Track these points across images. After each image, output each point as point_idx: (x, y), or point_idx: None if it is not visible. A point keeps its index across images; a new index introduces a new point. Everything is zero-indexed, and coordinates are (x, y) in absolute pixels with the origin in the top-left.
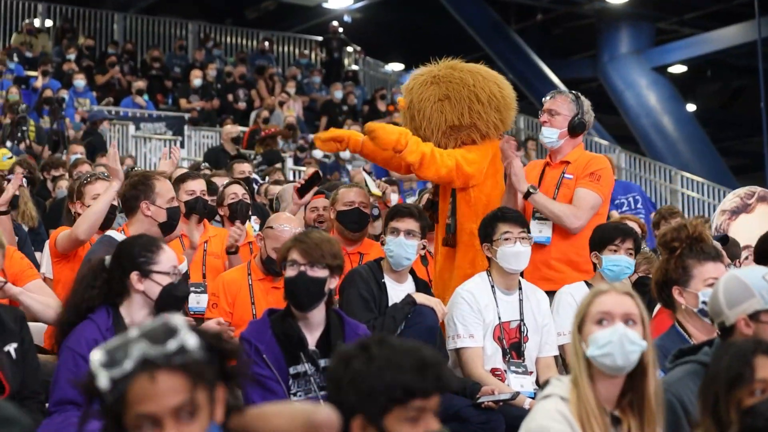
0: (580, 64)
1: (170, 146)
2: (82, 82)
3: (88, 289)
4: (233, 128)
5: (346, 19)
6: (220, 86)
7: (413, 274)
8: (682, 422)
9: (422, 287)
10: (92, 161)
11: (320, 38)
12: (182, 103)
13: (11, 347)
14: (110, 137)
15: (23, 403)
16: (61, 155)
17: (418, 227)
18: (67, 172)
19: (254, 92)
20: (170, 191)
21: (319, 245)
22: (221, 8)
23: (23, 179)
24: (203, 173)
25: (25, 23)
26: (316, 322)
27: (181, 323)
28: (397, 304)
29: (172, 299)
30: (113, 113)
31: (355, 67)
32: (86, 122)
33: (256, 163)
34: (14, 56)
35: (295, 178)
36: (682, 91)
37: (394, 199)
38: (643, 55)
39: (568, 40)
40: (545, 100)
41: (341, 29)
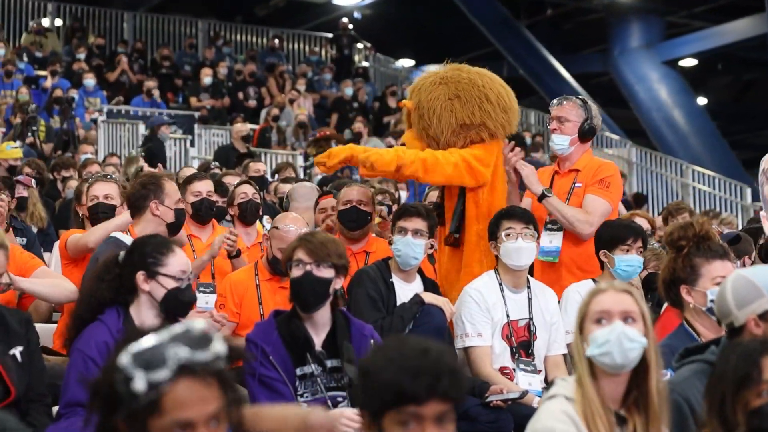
0: (590, 58)
1: None
2: (92, 81)
3: (98, 282)
4: (243, 126)
5: (356, 15)
6: (230, 84)
7: (421, 273)
8: (688, 422)
9: (430, 287)
10: (153, 167)
11: (330, 35)
12: (192, 101)
13: (17, 350)
14: (120, 136)
15: (29, 406)
16: (72, 155)
17: (425, 226)
18: (76, 172)
19: (264, 90)
20: (178, 193)
21: (324, 244)
22: (231, 6)
23: (32, 180)
24: (213, 172)
25: (34, 23)
26: (322, 322)
27: (210, 329)
28: (405, 303)
29: (176, 304)
30: (123, 112)
31: (365, 63)
32: (146, 128)
33: (308, 164)
34: (24, 56)
35: (306, 176)
36: (692, 84)
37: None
38: (653, 48)
39: (578, 34)
40: (552, 107)
41: (351, 26)
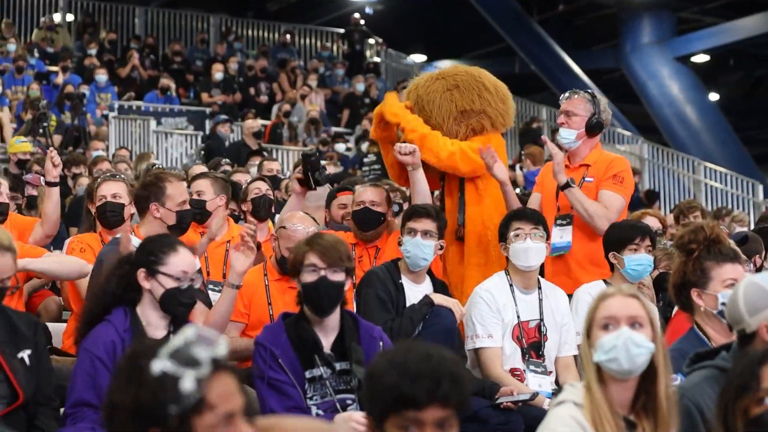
0: (602, 54)
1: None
2: (103, 77)
3: (109, 278)
4: (254, 123)
5: (367, 11)
6: (241, 80)
7: (431, 274)
8: (699, 428)
9: (440, 288)
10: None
11: (342, 30)
12: (204, 97)
13: (25, 354)
14: (131, 132)
15: (37, 409)
16: (83, 152)
17: (435, 227)
18: (87, 169)
19: (276, 85)
20: (182, 194)
21: (335, 247)
22: (242, 1)
23: (40, 177)
24: (225, 169)
25: (46, 19)
26: (331, 325)
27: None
28: (414, 305)
29: (175, 304)
30: (134, 108)
31: (376, 59)
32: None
33: (368, 161)
34: (35, 52)
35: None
36: (704, 80)
37: None
38: (665, 44)
39: (590, 30)
40: (561, 101)
41: (363, 21)
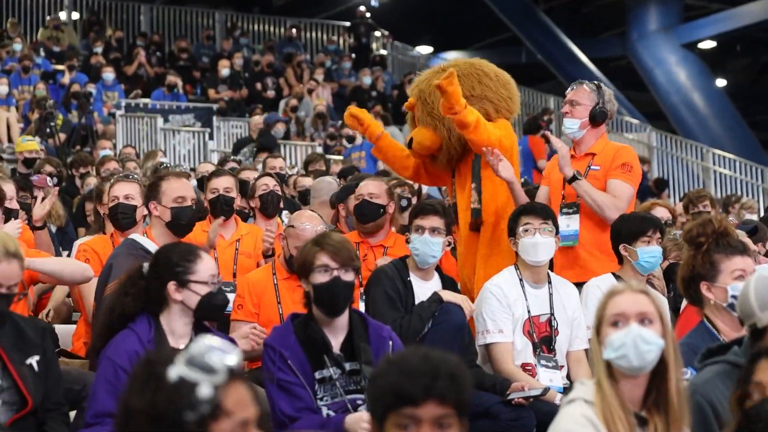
0: (609, 42)
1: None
2: (111, 75)
3: (122, 296)
4: (261, 119)
5: (373, 3)
6: (248, 75)
7: (439, 271)
8: (711, 423)
9: (449, 284)
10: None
11: (347, 24)
12: (211, 93)
13: (33, 360)
14: (139, 130)
15: (46, 415)
16: (90, 151)
17: (443, 224)
18: (94, 169)
19: (282, 80)
20: (177, 190)
21: (345, 246)
22: None
23: (47, 178)
24: (232, 167)
25: (51, 17)
26: (340, 325)
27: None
28: (423, 302)
29: (211, 308)
30: (141, 106)
31: (383, 51)
32: (263, 123)
33: None
34: (41, 51)
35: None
36: (711, 66)
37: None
38: (672, 31)
39: (596, 18)
40: (567, 91)
41: (368, 14)
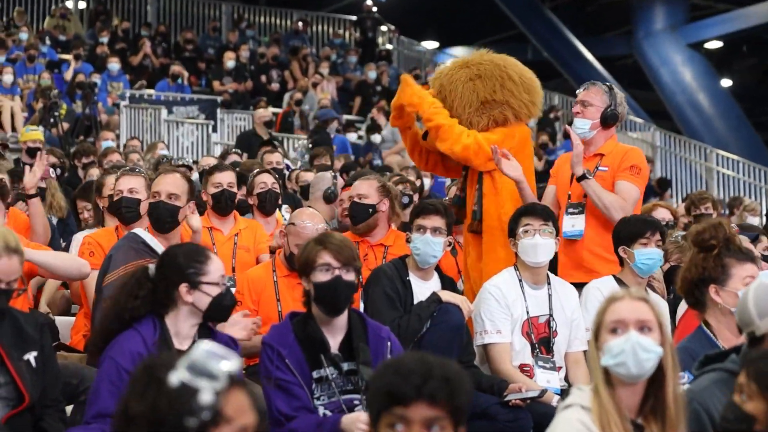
0: (614, 41)
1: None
2: (116, 65)
3: (131, 299)
4: (265, 112)
5: None
6: (253, 68)
7: (439, 270)
8: (707, 430)
9: (448, 284)
10: (314, 157)
11: (354, 18)
12: (215, 85)
13: (31, 356)
14: (142, 121)
15: (44, 411)
16: (93, 141)
17: (444, 224)
18: (97, 159)
19: (287, 73)
20: (159, 184)
21: (347, 246)
22: None
23: (50, 169)
24: (235, 161)
25: (58, 6)
26: (338, 325)
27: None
28: (422, 302)
29: (221, 309)
30: (145, 97)
31: (389, 46)
32: (315, 119)
33: None
34: (47, 40)
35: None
36: (717, 67)
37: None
38: (678, 31)
39: (602, 17)
40: (579, 91)
41: (375, 8)
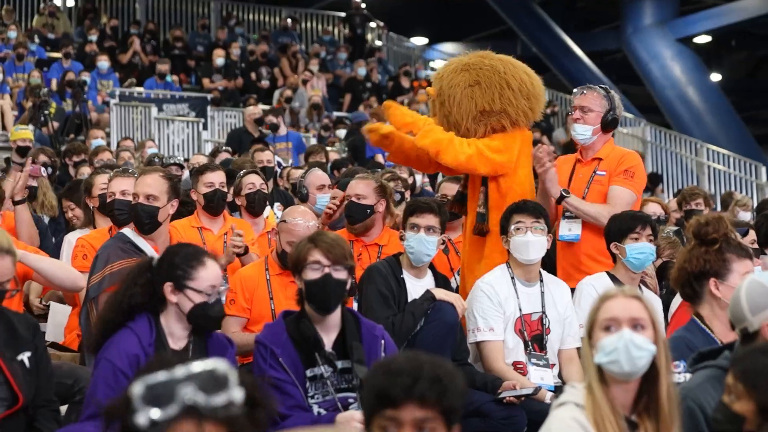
0: (604, 36)
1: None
2: (105, 63)
3: (131, 286)
4: (256, 109)
5: None
6: (243, 65)
7: (432, 268)
8: (702, 428)
9: (442, 282)
10: (354, 160)
11: (343, 14)
12: (205, 82)
13: (24, 356)
14: (133, 119)
15: (37, 411)
16: (84, 140)
17: (438, 222)
18: (88, 158)
19: (277, 70)
20: (141, 184)
21: (339, 244)
22: None
23: (41, 168)
24: (226, 159)
25: (47, 4)
26: (332, 323)
27: (231, 374)
28: (416, 300)
29: (204, 318)
30: (135, 95)
31: (378, 42)
32: (350, 121)
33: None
34: (36, 38)
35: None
36: (706, 61)
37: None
38: (667, 26)
39: (591, 12)
40: (575, 95)
41: (363, 4)
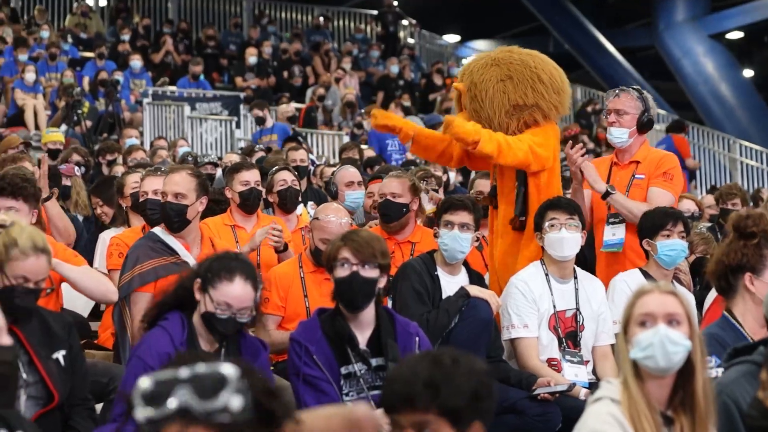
0: (635, 32)
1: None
2: (138, 62)
3: (183, 278)
4: (288, 107)
5: None
6: (275, 63)
7: (467, 265)
8: (737, 423)
9: (476, 279)
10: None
11: (375, 12)
12: (238, 81)
13: (60, 354)
14: (165, 118)
15: (72, 410)
16: (117, 139)
17: (472, 219)
18: (122, 156)
19: (309, 69)
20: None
21: (369, 243)
22: None
23: (75, 168)
24: (260, 157)
25: (79, 4)
26: (366, 321)
27: (233, 377)
28: (450, 297)
29: (211, 326)
30: (168, 94)
31: (410, 40)
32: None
33: None
34: (68, 38)
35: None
36: (739, 57)
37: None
38: (699, 22)
39: (623, 8)
40: (608, 98)
41: (396, 2)
